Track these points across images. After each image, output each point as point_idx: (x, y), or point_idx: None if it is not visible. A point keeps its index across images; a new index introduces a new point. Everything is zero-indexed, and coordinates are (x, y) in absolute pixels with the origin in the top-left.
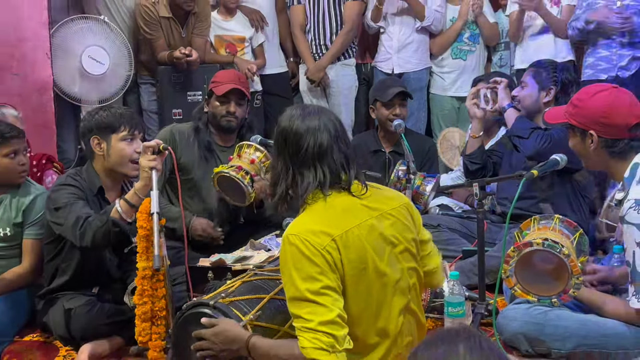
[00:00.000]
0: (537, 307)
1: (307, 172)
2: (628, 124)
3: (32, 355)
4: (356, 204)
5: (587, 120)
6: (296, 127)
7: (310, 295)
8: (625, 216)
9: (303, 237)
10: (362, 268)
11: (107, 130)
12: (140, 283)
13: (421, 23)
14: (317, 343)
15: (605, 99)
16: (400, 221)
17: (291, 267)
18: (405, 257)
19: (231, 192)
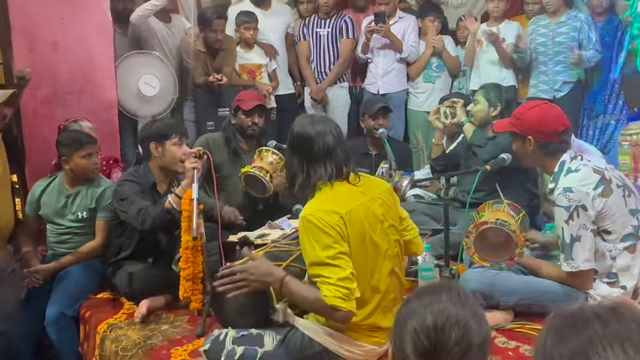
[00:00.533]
0: (489, 270)
1: (318, 167)
2: (557, 131)
3: (104, 308)
4: (354, 190)
5: (526, 129)
6: (308, 132)
7: (328, 260)
8: (555, 200)
9: (318, 216)
10: (362, 239)
11: (162, 138)
12: (184, 252)
13: (400, 55)
14: (336, 293)
15: (539, 112)
16: (386, 202)
17: (311, 239)
18: (392, 231)
19: (255, 187)
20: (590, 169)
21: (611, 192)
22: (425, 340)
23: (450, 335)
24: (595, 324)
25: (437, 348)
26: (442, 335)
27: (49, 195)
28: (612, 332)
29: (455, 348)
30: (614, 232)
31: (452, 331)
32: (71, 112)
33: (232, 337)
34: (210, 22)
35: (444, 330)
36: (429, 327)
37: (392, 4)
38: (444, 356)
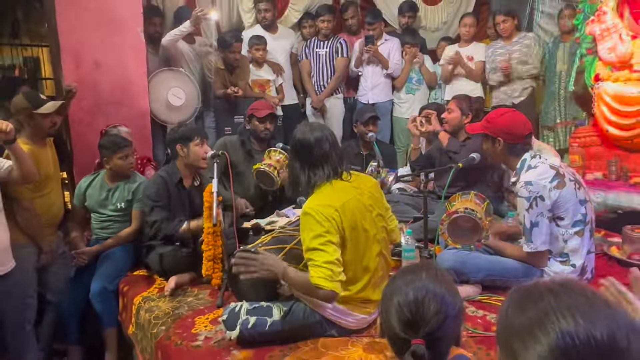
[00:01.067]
0: (461, 251)
1: (316, 170)
2: (523, 134)
3: (139, 283)
4: (347, 186)
5: (497, 131)
6: (307, 138)
7: (318, 246)
8: (518, 192)
9: (316, 210)
10: (354, 227)
11: (186, 140)
12: (205, 237)
13: (386, 71)
14: (320, 274)
15: (509, 118)
16: (373, 195)
17: (308, 229)
18: (379, 219)
19: (265, 181)
20: (547, 165)
21: (564, 185)
22: (408, 313)
23: (429, 307)
24: (549, 297)
25: (418, 319)
26: (422, 307)
27: (93, 189)
28: (563, 304)
29: (433, 318)
30: (566, 218)
31: (430, 304)
32: (111, 119)
33: (246, 309)
34: (230, 45)
35: (424, 303)
36: (411, 301)
37: (379, 29)
38: (424, 325)
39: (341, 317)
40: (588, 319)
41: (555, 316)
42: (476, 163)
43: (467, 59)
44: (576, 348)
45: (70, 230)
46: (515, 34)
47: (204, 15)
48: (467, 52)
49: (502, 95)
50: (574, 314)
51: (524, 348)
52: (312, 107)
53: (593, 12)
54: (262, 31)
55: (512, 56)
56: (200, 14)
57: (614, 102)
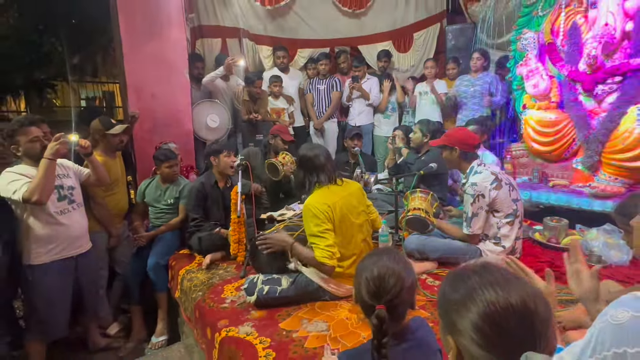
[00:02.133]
0: (422, 236)
1: (315, 177)
2: (473, 144)
3: (183, 260)
4: (339, 189)
5: (454, 142)
6: (308, 154)
7: (319, 233)
8: (465, 189)
9: (314, 205)
10: (343, 219)
11: (218, 153)
12: (232, 225)
13: (368, 102)
14: (323, 254)
15: (463, 132)
16: (358, 196)
17: (309, 220)
18: (362, 214)
19: (272, 172)
20: (489, 172)
21: (501, 188)
22: (373, 285)
23: (389, 281)
24: (475, 276)
25: (381, 290)
26: (383, 282)
27: (150, 189)
28: (485, 280)
29: (393, 289)
30: (501, 211)
31: (390, 279)
32: (164, 137)
33: (262, 280)
34: (253, 82)
35: (385, 278)
36: (375, 276)
37: (362, 70)
38: (385, 294)
39: (333, 287)
40: (504, 290)
41: (481, 290)
42: (434, 170)
43: (431, 92)
44: (498, 313)
45: (133, 219)
46: (481, 72)
47: (234, 63)
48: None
49: (464, 117)
50: (494, 287)
51: (460, 317)
52: (314, 128)
53: (522, 58)
54: (278, 72)
55: (473, 88)
56: (231, 62)
57: (537, 125)
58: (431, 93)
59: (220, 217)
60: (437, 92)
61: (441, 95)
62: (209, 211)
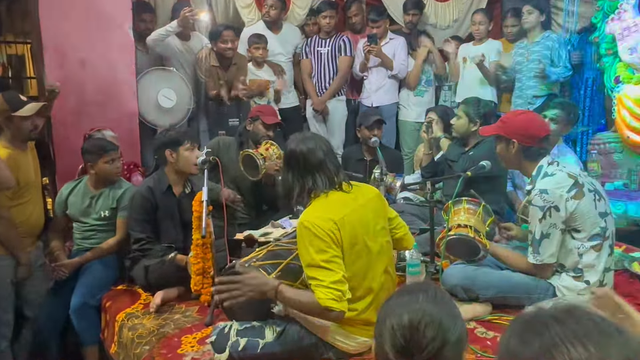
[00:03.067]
0: (469, 266)
1: (310, 180)
2: (539, 136)
3: (122, 299)
4: (346, 197)
5: (512, 132)
6: (300, 149)
7: (322, 263)
8: (532, 200)
9: (314, 222)
10: (354, 242)
11: (176, 144)
12: (194, 249)
13: (391, 72)
14: (330, 295)
15: (525, 118)
16: (376, 206)
17: (307, 244)
18: (383, 233)
19: (250, 168)
20: (565, 174)
21: (583, 196)
22: (401, 338)
23: (425, 333)
24: (555, 326)
25: (412, 345)
26: (417, 333)
27: (76, 196)
28: (571, 332)
29: (429, 345)
30: (583, 231)
31: (426, 329)
32: (96, 121)
33: (236, 330)
34: (220, 34)
35: (419, 328)
36: (405, 325)
37: (383, 27)
38: (419, 353)
39: (340, 340)
40: (600, 347)
41: (565, 346)
42: (487, 171)
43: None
44: None
45: (50, 240)
46: (539, 32)
47: (193, 16)
48: (480, 50)
49: (517, 100)
50: (584, 342)
51: None
52: (312, 110)
53: (613, 10)
54: (265, 29)
55: (529, 57)
56: (188, 14)
57: (636, 106)
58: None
59: (177, 237)
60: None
61: (493, 64)
62: (159, 228)
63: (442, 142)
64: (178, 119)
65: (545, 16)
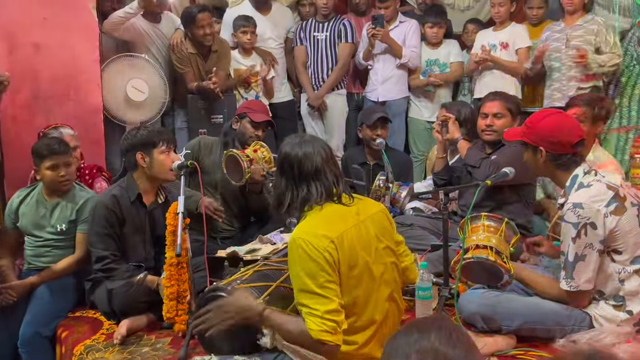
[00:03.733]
0: (490, 291)
1: (305, 188)
2: (571, 142)
3: (81, 328)
4: (347, 211)
5: (538, 138)
6: (295, 153)
7: (315, 288)
8: (564, 216)
9: (307, 240)
10: (354, 264)
11: (149, 146)
12: (168, 269)
13: (400, 60)
14: (323, 327)
15: (553, 121)
16: (381, 223)
17: (298, 265)
18: (387, 252)
19: (233, 172)
20: (604, 184)
21: (624, 211)
22: None
23: None
24: None
25: None
26: None
27: (28, 206)
28: None
29: None
30: (625, 252)
31: None
32: (53, 117)
33: None
34: (194, 18)
35: None
36: None
37: (392, 7)
38: None
39: None
40: None
41: None
42: (510, 179)
43: (501, 46)
44: None
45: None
46: (580, 14)
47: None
48: (501, 37)
49: (556, 93)
50: None
51: None
52: (308, 106)
53: None
54: (252, 10)
55: (571, 43)
56: None
57: None
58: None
59: (147, 255)
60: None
61: (520, 52)
62: (126, 245)
63: (461, 145)
64: (150, 114)
65: None
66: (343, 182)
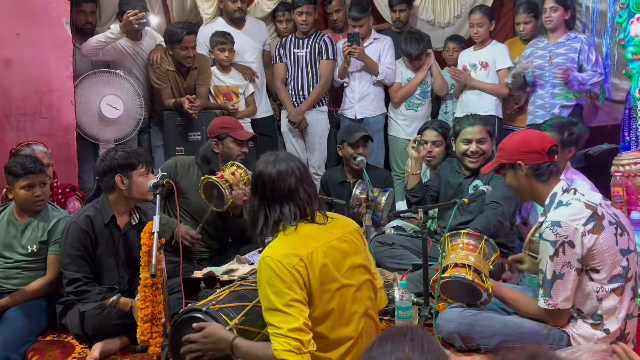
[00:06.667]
0: (468, 310)
1: (279, 209)
2: (544, 148)
3: (53, 352)
4: (319, 230)
5: (512, 154)
6: (269, 172)
7: (280, 307)
8: (542, 234)
9: (275, 259)
10: (325, 281)
11: (129, 168)
12: (142, 290)
13: (376, 78)
14: (286, 346)
15: (520, 136)
16: (354, 242)
17: (265, 284)
18: (361, 271)
19: (213, 198)
20: (583, 203)
21: (602, 229)
22: None
23: None
24: None
25: None
26: None
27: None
28: None
29: None
30: (603, 271)
31: None
32: (24, 135)
33: None
34: (180, 39)
35: None
36: None
37: (366, 25)
38: None
39: None
40: None
41: None
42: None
43: (481, 66)
44: None
45: None
46: (563, 32)
47: (139, 21)
48: (482, 56)
49: (539, 110)
50: None
51: None
52: (289, 122)
53: (639, 8)
54: (226, 26)
55: (553, 60)
56: (133, 19)
57: None
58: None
59: (121, 276)
60: (490, 68)
61: (500, 74)
62: (100, 267)
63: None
64: (125, 132)
65: (570, 13)
66: (317, 201)
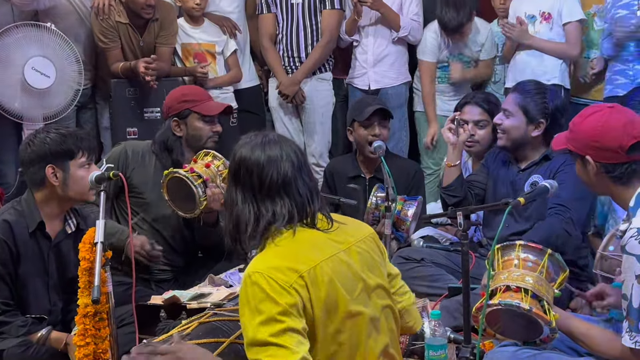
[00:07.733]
0: (524, 349)
1: (270, 206)
2: (623, 146)
3: None
4: (322, 238)
5: (581, 144)
6: (256, 158)
7: (270, 338)
8: (625, 246)
9: (267, 275)
10: (332, 307)
11: (65, 157)
12: (82, 322)
13: (397, 34)
14: None
15: (597, 121)
16: (369, 254)
17: (253, 309)
18: (379, 294)
19: (181, 200)
20: None
21: None
22: None
23: None
24: None
25: None
26: None
27: None
28: None
29: None
30: None
31: None
32: None
33: None
34: None
35: None
36: None
37: None
38: None
39: None
40: None
41: None
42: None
43: (542, 18)
44: None
45: None
46: None
47: None
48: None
49: (620, 79)
50: None
51: None
52: (279, 94)
53: None
54: None
55: None
56: None
57: None
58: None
59: (53, 304)
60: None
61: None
62: (23, 291)
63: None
64: (58, 107)
65: None
66: (319, 199)
